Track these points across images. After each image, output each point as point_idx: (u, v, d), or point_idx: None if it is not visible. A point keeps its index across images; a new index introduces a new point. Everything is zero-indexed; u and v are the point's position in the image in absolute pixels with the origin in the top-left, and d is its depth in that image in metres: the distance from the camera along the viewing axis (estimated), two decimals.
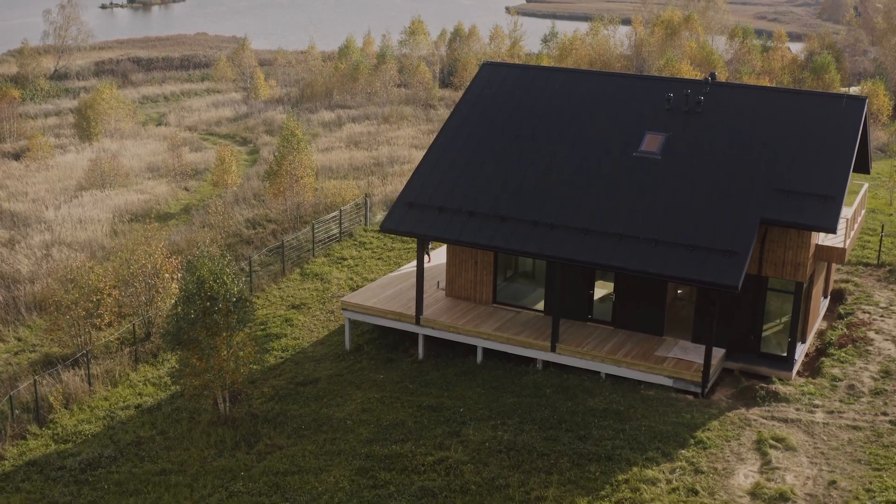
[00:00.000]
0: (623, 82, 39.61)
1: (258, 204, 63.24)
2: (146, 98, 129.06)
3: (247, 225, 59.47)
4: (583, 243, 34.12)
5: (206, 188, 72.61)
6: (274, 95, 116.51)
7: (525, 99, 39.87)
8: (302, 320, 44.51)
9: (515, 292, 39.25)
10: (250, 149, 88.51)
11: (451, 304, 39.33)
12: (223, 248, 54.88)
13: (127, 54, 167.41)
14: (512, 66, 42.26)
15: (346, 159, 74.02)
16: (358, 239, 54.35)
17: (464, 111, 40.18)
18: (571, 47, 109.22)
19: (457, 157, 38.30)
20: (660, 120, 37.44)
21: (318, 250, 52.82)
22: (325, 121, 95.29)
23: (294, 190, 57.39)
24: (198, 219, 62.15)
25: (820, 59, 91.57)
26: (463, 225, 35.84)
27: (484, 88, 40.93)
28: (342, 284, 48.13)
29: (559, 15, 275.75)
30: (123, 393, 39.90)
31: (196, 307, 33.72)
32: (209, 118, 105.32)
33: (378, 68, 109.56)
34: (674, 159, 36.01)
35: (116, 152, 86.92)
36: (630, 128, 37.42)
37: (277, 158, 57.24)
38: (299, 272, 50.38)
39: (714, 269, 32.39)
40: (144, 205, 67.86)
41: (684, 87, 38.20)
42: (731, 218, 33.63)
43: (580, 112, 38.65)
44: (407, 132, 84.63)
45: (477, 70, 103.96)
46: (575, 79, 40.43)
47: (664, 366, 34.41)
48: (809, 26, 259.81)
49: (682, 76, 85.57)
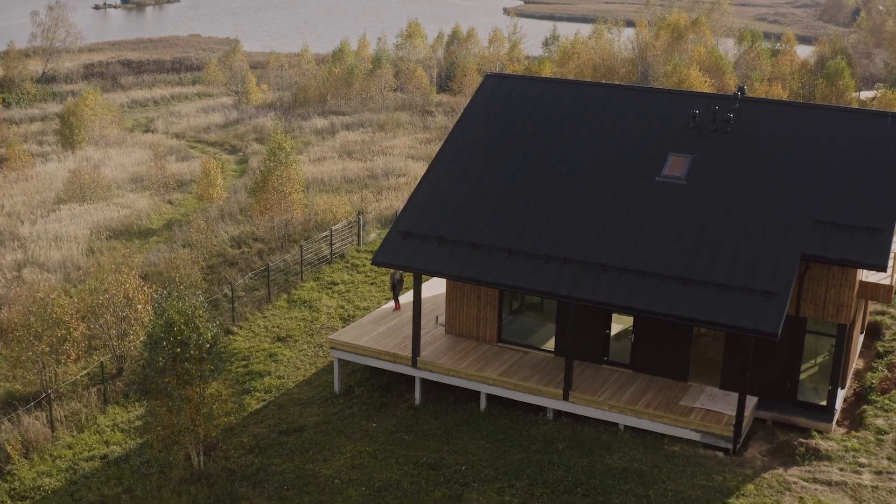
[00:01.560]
0: (643, 97, 35.79)
1: (245, 220, 59.41)
2: (135, 102, 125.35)
3: (232, 243, 55.63)
4: (601, 281, 30.29)
5: (191, 201, 68.77)
6: (266, 100, 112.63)
7: (534, 115, 36.06)
8: (287, 355, 40.67)
9: (523, 329, 35.44)
10: (239, 158, 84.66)
11: (452, 343, 35.49)
12: (204, 270, 51.06)
13: (117, 56, 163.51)
14: (518, 77, 38.45)
15: (339, 171, 70.19)
16: (350, 261, 50.52)
17: (466, 128, 36.36)
18: (573, 51, 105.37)
19: (458, 181, 34.46)
20: (684, 140, 33.64)
21: (307, 273, 49.01)
22: (318, 128, 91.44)
23: (281, 207, 53.53)
24: (180, 236, 58.28)
25: (833, 65, 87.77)
26: (465, 259, 32.00)
27: (488, 103, 37.10)
28: (332, 314, 44.32)
29: (557, 16, 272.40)
30: (89, 440, 36.07)
31: (164, 353, 29.85)
32: (198, 124, 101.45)
33: (373, 73, 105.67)
34: (701, 185, 32.22)
35: (99, 161, 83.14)
36: (651, 149, 33.63)
37: (263, 173, 53.36)
38: (286, 299, 46.56)
39: (750, 314, 28.59)
40: (125, 220, 64.02)
41: (711, 103, 34.38)
42: (769, 253, 29.83)
43: (595, 130, 34.84)
44: (403, 141, 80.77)
45: (476, 76, 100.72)
46: (589, 93, 36.60)
47: (691, 418, 30.61)
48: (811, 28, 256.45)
49: (691, 83, 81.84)
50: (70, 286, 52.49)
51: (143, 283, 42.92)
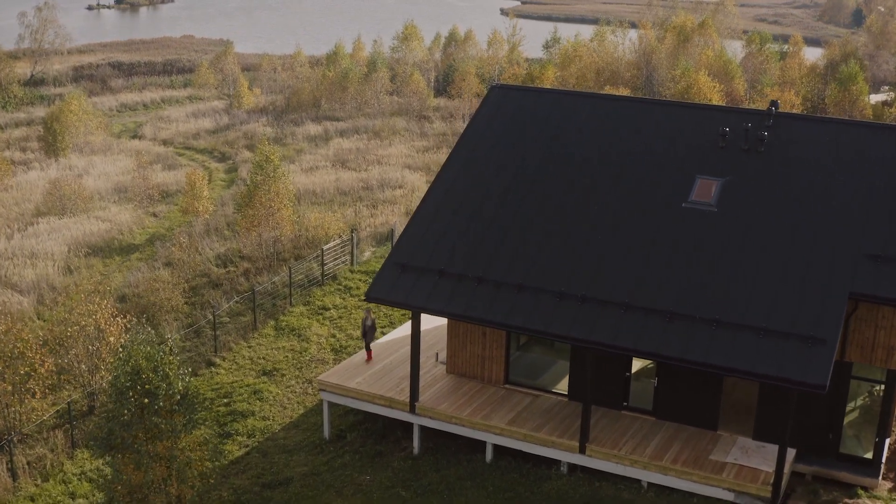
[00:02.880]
0: (665, 112, 32.33)
1: (232, 235, 55.88)
2: (124, 106, 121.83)
3: (217, 262, 52.12)
4: (623, 323, 26.83)
5: (177, 214, 65.22)
6: (258, 104, 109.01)
7: (544, 132, 32.60)
8: (274, 392, 37.19)
9: (532, 367, 31.99)
10: (228, 166, 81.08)
11: (454, 384, 32.02)
12: (187, 292, 47.58)
13: (108, 58, 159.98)
14: (526, 89, 35.01)
15: (332, 181, 66.66)
16: (343, 283, 47.06)
17: (469, 147, 32.89)
18: (575, 54, 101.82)
19: (462, 206, 30.99)
20: (713, 160, 30.20)
21: (297, 297, 45.55)
22: (311, 134, 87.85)
23: (269, 223, 50.03)
24: (163, 253, 54.77)
25: (847, 70, 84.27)
26: (470, 296, 28.52)
27: (493, 118, 33.64)
28: (323, 344, 40.88)
29: (555, 17, 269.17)
30: (54, 491, 32.61)
31: (131, 405, 26.41)
32: (187, 130, 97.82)
33: (369, 77, 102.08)
34: (733, 212, 28.79)
35: (83, 170, 79.66)
36: (677, 170, 30.18)
37: (250, 188, 49.81)
38: (273, 326, 43.10)
39: (794, 363, 25.15)
40: (105, 235, 60.41)
41: (742, 120, 30.95)
42: (812, 292, 26.41)
43: (614, 150, 31.39)
44: (399, 149, 77.21)
45: (476, 80, 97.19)
46: (605, 107, 33.15)
47: (723, 475, 27.18)
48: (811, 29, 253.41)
49: (700, 88, 78.35)
50: (44, 309, 49.05)
51: (116, 312, 39.39)
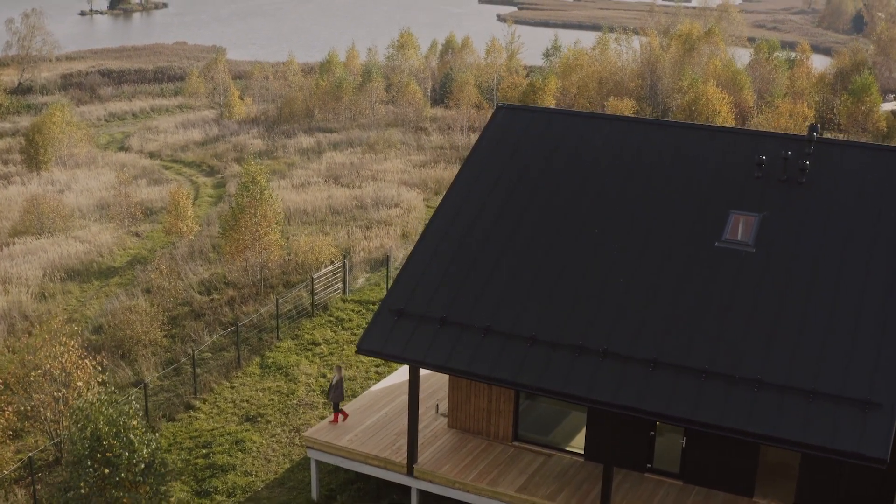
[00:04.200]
0: (694, 137, 29.03)
1: (217, 259, 52.53)
2: (113, 115, 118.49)
3: (200, 288, 48.82)
4: (651, 383, 23.50)
5: (161, 234, 61.78)
6: (249, 114, 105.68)
7: (557, 159, 29.29)
8: (258, 442, 33.80)
9: (544, 420, 28.68)
10: (217, 181, 77.65)
11: (456, 441, 28.67)
12: (167, 324, 44.22)
13: (98, 66, 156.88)
14: (536, 110, 31.69)
15: (324, 199, 63.28)
16: (334, 314, 43.76)
17: (473, 174, 29.58)
18: (576, 62, 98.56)
19: (466, 244, 27.65)
20: (749, 193, 26.91)
21: (285, 330, 42.24)
22: (303, 147, 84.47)
23: (256, 249, 46.66)
24: (143, 278, 51.40)
25: (860, 80, 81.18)
26: (475, 348, 25.19)
27: (500, 143, 30.33)
28: (312, 384, 37.55)
29: (552, 23, 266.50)
30: None
31: (89, 476, 23.09)
32: (175, 141, 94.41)
33: (363, 86, 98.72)
34: (773, 252, 25.49)
35: (65, 185, 76.31)
36: (708, 204, 26.88)
37: (234, 211, 46.42)
38: (258, 363, 39.77)
39: (847, 431, 21.86)
40: (84, 257, 56.94)
41: (779, 146, 27.67)
42: (865, 346, 23.11)
43: (636, 180, 28.08)
44: (395, 164, 73.83)
45: (475, 90, 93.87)
46: (625, 130, 29.82)
47: None
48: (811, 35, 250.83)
49: (708, 99, 75.14)
50: (14, 341, 45.65)
51: (85, 353, 35.97)
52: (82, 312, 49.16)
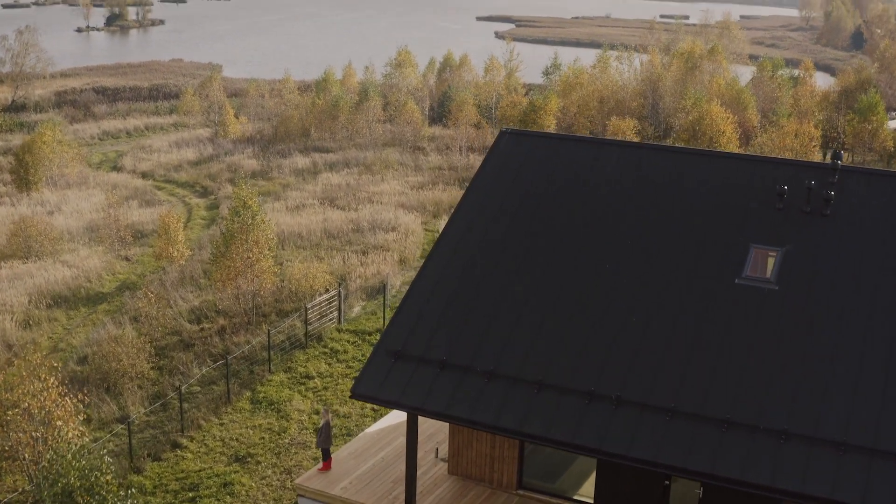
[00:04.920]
0: (710, 164, 27.34)
1: (208, 285, 50.72)
2: (106, 134, 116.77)
3: (190, 317, 47.08)
4: (668, 433, 21.73)
5: (151, 258, 60.01)
6: (244, 133, 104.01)
7: (565, 189, 27.59)
8: (247, 486, 31.98)
9: (550, 465, 26.89)
10: (210, 202, 75.93)
11: (457, 490, 26.85)
12: (155, 355, 42.44)
13: (93, 83, 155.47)
14: (541, 136, 30.01)
15: (320, 222, 61.56)
16: (329, 345, 42.01)
17: (476, 204, 27.86)
18: (576, 81, 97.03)
19: (468, 279, 25.91)
20: (771, 226, 25.20)
21: (277, 362, 40.48)
22: (299, 167, 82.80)
23: (248, 277, 44.91)
24: (131, 305, 49.61)
25: (866, 99, 79.62)
26: (478, 394, 23.41)
27: (503, 170, 28.64)
28: (305, 422, 35.76)
29: (550, 40, 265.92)
30: None
31: None
32: (169, 161, 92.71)
33: (360, 105, 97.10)
34: (797, 290, 23.76)
35: (55, 206, 74.59)
36: (727, 237, 25.17)
37: (225, 238, 44.65)
38: (249, 398, 37.99)
39: (881, 490, 20.10)
40: (72, 282, 55.15)
41: (801, 175, 25.98)
42: None
43: (649, 211, 26.36)
44: (392, 186, 72.14)
45: (474, 110, 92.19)
46: (636, 157, 28.12)
47: None
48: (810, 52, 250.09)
49: (713, 119, 73.54)
50: None
51: (66, 390, 34.13)
52: (68, 341, 47.44)
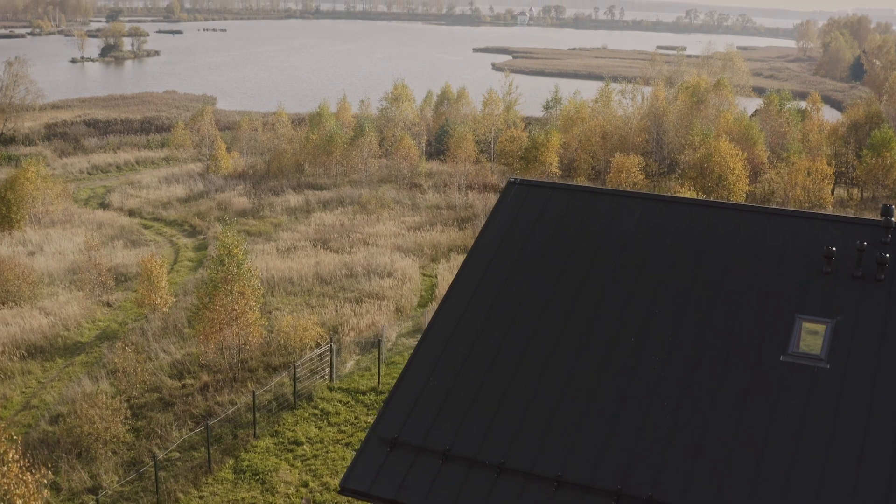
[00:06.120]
0: (744, 220, 24.33)
1: (192, 335, 47.65)
2: (96, 168, 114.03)
3: (172, 371, 44.02)
4: None
5: (134, 304, 56.92)
6: (236, 169, 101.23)
7: (581, 247, 24.57)
8: None
9: None
10: (198, 242, 72.92)
11: None
12: (132, 415, 39.31)
13: (84, 115, 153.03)
14: (555, 187, 26.95)
15: (312, 266, 58.55)
16: (319, 405, 38.92)
17: (482, 265, 24.82)
18: (577, 115, 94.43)
19: (474, 356, 22.82)
20: (818, 293, 22.17)
21: (263, 424, 37.35)
22: (291, 205, 79.91)
23: (233, 330, 41.84)
24: (110, 357, 46.50)
25: (880, 135, 76.98)
26: (487, 491, 20.27)
27: (513, 225, 25.64)
28: (292, 496, 32.56)
29: (547, 72, 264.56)
30: None
31: None
32: (158, 198, 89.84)
33: (355, 141, 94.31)
34: (852, 369, 20.69)
35: (37, 246, 71.56)
36: (769, 307, 22.12)
37: (208, 288, 41.60)
38: (232, 466, 34.84)
39: None
40: (49, 331, 52.05)
41: (849, 234, 23.01)
42: None
43: (679, 276, 23.32)
44: (388, 227, 69.19)
45: (473, 146, 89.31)
46: (660, 212, 25.11)
47: None
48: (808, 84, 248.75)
49: (722, 156, 70.74)
50: None
51: (28, 463, 30.98)
52: (41, 397, 44.37)
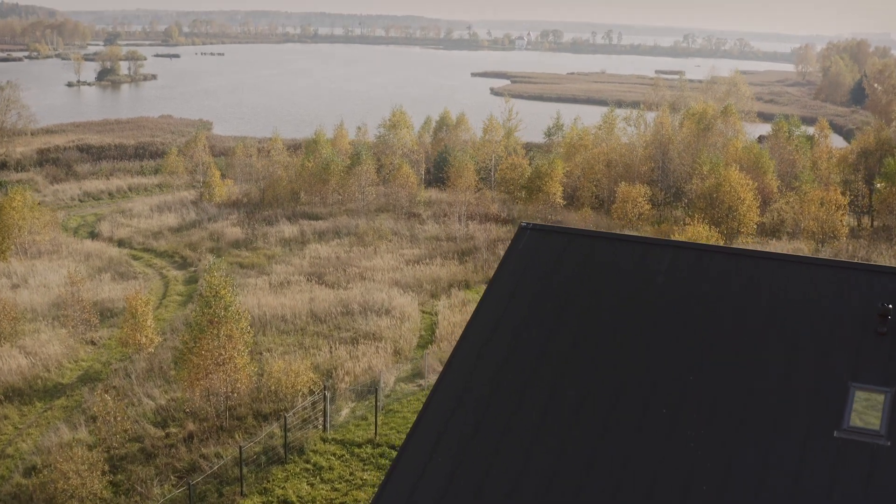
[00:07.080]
0: (784, 271, 21.74)
1: (178, 378, 44.94)
2: (87, 195, 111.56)
3: (155, 418, 41.36)
4: None
5: (118, 343, 54.20)
6: (230, 196, 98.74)
7: (602, 300, 21.98)
8: None
9: None
10: (189, 275, 70.26)
11: None
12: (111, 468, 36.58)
13: (77, 140, 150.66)
14: (570, 233, 24.38)
15: (306, 302, 55.90)
16: (312, 459, 36.21)
17: (493, 318, 22.22)
18: (580, 143, 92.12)
19: (485, 423, 20.18)
20: (873, 357, 19.58)
21: (251, 482, 34.64)
22: (286, 236, 77.31)
23: (220, 377, 39.17)
24: (90, 402, 43.79)
25: (894, 163, 74.66)
26: None
27: (525, 276, 23.05)
28: None
29: (546, 96, 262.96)
30: None
31: None
32: (149, 227, 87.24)
33: (352, 169, 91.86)
34: None
35: (22, 278, 68.89)
36: (818, 374, 19.52)
37: (194, 332, 38.95)
38: None
39: None
40: (28, 372, 49.30)
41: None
42: None
43: (712, 336, 20.71)
44: (386, 260, 66.59)
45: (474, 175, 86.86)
46: (690, 261, 22.52)
47: None
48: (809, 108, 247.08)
49: (731, 185, 68.33)
50: None
51: None
52: (17, 445, 41.66)
